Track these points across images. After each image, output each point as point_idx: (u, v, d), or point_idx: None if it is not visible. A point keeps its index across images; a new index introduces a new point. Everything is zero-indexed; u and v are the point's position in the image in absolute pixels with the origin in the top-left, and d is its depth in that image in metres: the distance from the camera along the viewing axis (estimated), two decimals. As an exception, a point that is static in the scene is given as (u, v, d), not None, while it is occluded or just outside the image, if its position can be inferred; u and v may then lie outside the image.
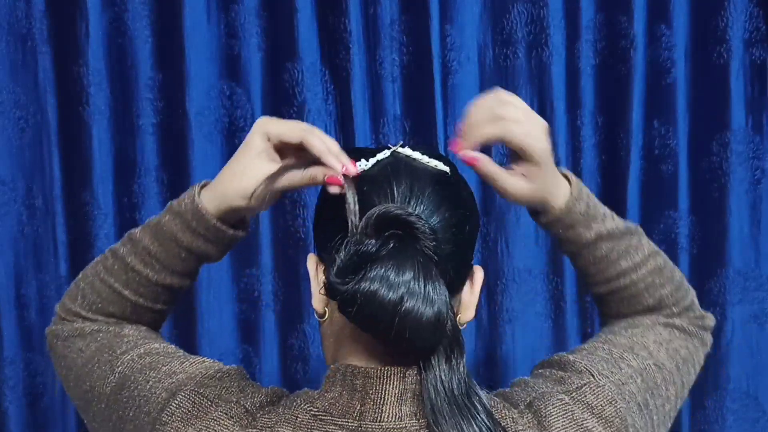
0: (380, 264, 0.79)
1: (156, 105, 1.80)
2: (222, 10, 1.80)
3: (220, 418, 0.87)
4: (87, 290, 1.03)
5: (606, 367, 0.94)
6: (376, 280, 0.78)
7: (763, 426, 1.85)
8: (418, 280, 0.79)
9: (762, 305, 1.84)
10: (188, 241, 0.97)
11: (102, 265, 1.03)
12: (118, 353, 0.97)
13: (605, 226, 1.01)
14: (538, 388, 0.93)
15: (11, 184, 1.80)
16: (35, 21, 1.77)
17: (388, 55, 1.80)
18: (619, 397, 0.91)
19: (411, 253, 0.80)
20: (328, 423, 0.86)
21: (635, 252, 1.03)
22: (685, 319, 1.08)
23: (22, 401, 1.84)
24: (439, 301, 0.80)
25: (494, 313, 1.85)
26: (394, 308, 0.78)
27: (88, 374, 0.98)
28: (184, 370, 0.93)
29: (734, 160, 1.81)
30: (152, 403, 0.90)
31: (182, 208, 0.97)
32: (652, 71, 1.82)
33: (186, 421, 0.87)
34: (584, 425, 0.88)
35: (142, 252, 0.99)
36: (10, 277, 1.82)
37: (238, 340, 1.84)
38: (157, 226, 0.99)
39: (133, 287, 1.00)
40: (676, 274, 1.09)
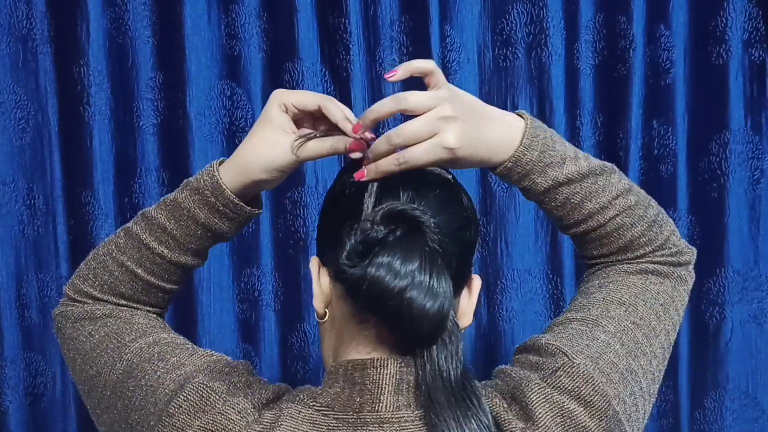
0: (387, 251, 0.81)
1: (156, 105, 1.81)
2: (222, 10, 1.80)
3: (226, 412, 0.87)
4: (99, 270, 1.02)
5: (580, 341, 0.94)
6: (383, 267, 0.80)
7: (762, 425, 1.85)
8: (424, 271, 0.81)
9: (761, 305, 1.85)
10: (205, 217, 0.97)
11: (114, 244, 1.02)
12: (126, 340, 0.97)
13: (564, 171, 0.95)
14: (515, 376, 0.94)
15: (12, 184, 1.81)
16: (36, 21, 1.78)
17: (388, 55, 1.80)
18: (596, 373, 0.90)
19: (418, 244, 0.83)
20: (330, 417, 0.87)
21: (601, 192, 0.98)
22: (659, 258, 1.03)
23: (22, 401, 1.84)
24: (442, 294, 0.81)
25: (494, 313, 1.85)
26: (399, 296, 0.80)
27: (96, 359, 0.98)
28: (193, 363, 0.94)
29: (733, 161, 1.81)
30: (159, 393, 0.90)
31: (201, 184, 0.96)
32: (651, 71, 1.82)
33: (193, 414, 0.87)
34: (565, 408, 0.88)
35: (157, 229, 0.98)
36: (11, 277, 1.82)
37: (238, 339, 1.84)
38: (174, 203, 0.98)
39: (146, 266, 0.99)
40: (650, 211, 1.03)
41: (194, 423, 0.87)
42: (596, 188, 0.98)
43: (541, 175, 0.95)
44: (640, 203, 1.02)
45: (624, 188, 1.01)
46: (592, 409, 0.89)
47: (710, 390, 1.86)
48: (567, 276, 1.82)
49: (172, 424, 0.88)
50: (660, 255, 1.03)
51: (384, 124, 1.72)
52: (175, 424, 0.88)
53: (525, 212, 1.84)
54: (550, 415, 0.88)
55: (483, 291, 1.87)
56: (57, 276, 1.81)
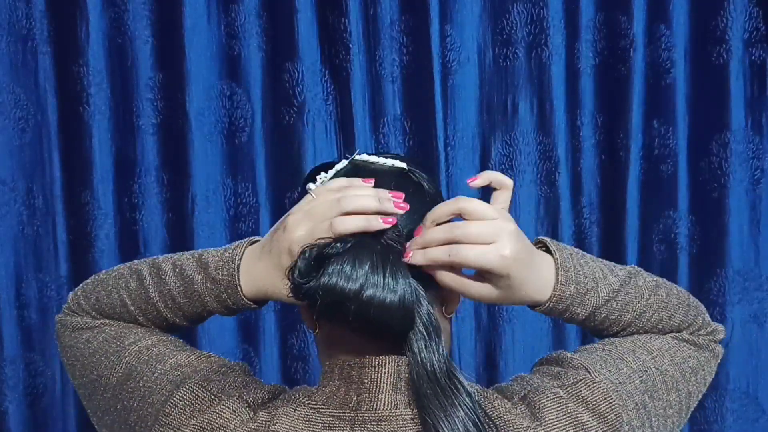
0: (337, 260, 0.83)
1: (156, 105, 1.80)
2: (222, 10, 1.80)
3: (221, 411, 0.88)
4: (103, 297, 1.03)
5: (604, 366, 0.94)
6: (333, 274, 0.82)
7: (762, 425, 1.85)
8: (376, 271, 0.82)
9: (761, 305, 1.85)
10: (213, 305, 0.98)
11: (125, 283, 1.03)
12: (125, 344, 0.99)
13: (599, 294, 0.96)
14: (533, 382, 0.93)
15: (11, 184, 1.80)
16: (36, 21, 1.78)
17: (388, 55, 1.80)
18: (614, 394, 0.91)
19: (368, 248, 0.84)
20: (326, 415, 0.88)
21: (635, 301, 0.99)
22: (695, 336, 1.05)
23: (22, 401, 1.84)
24: (400, 288, 0.82)
25: (494, 313, 1.85)
26: (355, 297, 0.81)
27: (96, 364, 0.99)
28: (190, 364, 0.95)
29: (734, 160, 1.81)
30: (157, 394, 0.92)
31: (218, 276, 0.95)
32: (651, 71, 1.82)
33: (188, 414, 0.89)
34: (578, 419, 0.88)
35: (166, 295, 0.99)
36: (10, 277, 1.82)
37: (238, 340, 1.84)
38: (189, 282, 0.98)
39: (148, 316, 1.02)
40: (683, 299, 1.05)
41: (190, 422, 0.88)
42: (629, 299, 0.98)
43: (581, 305, 0.95)
44: (671, 294, 1.03)
45: (653, 286, 1.02)
46: (605, 425, 0.89)
47: (710, 390, 1.85)
48: (567, 276, 1.82)
49: (169, 424, 0.89)
50: (696, 334, 1.05)
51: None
52: (171, 423, 0.89)
53: (525, 212, 1.84)
54: (561, 421, 0.88)
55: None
56: (57, 276, 1.81)
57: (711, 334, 1.07)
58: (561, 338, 1.84)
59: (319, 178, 0.94)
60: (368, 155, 0.96)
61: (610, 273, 0.98)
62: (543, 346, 1.85)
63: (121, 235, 1.81)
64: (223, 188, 1.83)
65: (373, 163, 0.95)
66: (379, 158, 0.96)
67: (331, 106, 1.82)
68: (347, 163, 0.95)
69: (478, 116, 1.84)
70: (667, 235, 1.84)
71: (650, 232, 1.85)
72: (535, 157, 1.84)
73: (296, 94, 1.79)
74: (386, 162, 0.95)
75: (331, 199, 0.87)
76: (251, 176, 1.82)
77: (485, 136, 1.85)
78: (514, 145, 1.84)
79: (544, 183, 1.84)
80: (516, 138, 1.84)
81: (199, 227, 1.81)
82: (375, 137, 1.82)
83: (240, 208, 1.83)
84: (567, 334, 1.84)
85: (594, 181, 1.85)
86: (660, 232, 1.85)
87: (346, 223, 0.85)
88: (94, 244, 1.79)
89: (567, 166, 1.84)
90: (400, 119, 1.82)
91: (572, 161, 1.84)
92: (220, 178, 1.82)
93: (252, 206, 1.83)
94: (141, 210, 1.81)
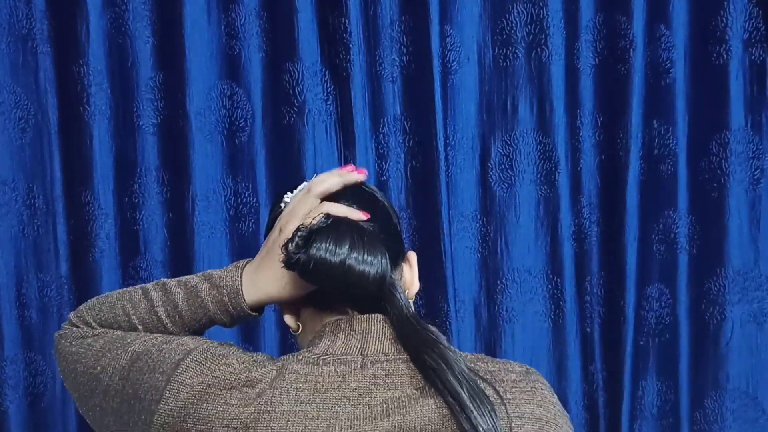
0: (322, 236, 0.94)
1: (156, 105, 1.81)
2: (222, 10, 1.80)
3: (230, 363, 0.96)
4: (106, 308, 1.09)
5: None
6: (321, 249, 0.93)
7: (762, 425, 1.85)
8: (356, 248, 0.93)
9: (761, 305, 1.84)
10: (215, 313, 1.06)
11: (129, 296, 1.09)
12: (128, 340, 1.04)
13: None
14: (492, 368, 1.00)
15: (12, 184, 1.81)
16: (36, 21, 1.78)
17: (388, 55, 1.80)
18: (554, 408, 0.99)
19: (346, 227, 0.96)
20: (331, 363, 0.95)
21: None
22: None
23: (22, 401, 1.84)
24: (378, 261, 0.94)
25: (494, 313, 1.85)
26: (341, 266, 0.93)
27: (99, 360, 1.03)
28: (194, 342, 1.02)
29: (734, 160, 1.81)
30: (167, 363, 0.98)
31: (222, 283, 1.05)
32: (651, 71, 1.82)
33: (198, 371, 0.96)
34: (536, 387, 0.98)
35: (170, 305, 1.06)
36: (11, 277, 1.82)
37: (238, 340, 1.84)
38: (193, 290, 1.05)
39: (148, 326, 1.07)
40: None
41: (200, 377, 0.95)
42: None
43: None
44: None
45: None
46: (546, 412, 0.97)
47: (710, 390, 1.86)
48: (567, 276, 1.82)
49: (180, 382, 0.95)
50: None
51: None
52: (183, 381, 0.95)
53: (525, 212, 1.84)
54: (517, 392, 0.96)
55: (483, 291, 1.87)
56: (57, 276, 1.81)
57: None
58: (561, 338, 1.84)
59: (286, 197, 1.07)
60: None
61: None
62: (543, 346, 1.85)
63: (122, 235, 1.81)
64: (223, 188, 1.83)
65: None
66: None
67: (331, 106, 1.82)
68: (305, 184, 1.06)
69: (478, 116, 1.84)
70: (667, 235, 1.84)
71: (650, 232, 1.86)
72: (535, 157, 1.84)
73: (296, 94, 1.79)
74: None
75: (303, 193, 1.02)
76: (251, 176, 1.82)
77: (485, 136, 1.85)
78: (514, 145, 1.84)
79: (544, 183, 1.85)
80: (516, 138, 1.84)
81: (199, 227, 1.81)
82: (375, 137, 1.82)
83: (240, 208, 1.83)
84: (567, 335, 1.84)
85: (594, 181, 1.85)
86: (660, 232, 1.85)
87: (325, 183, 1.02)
88: (94, 244, 1.79)
89: (567, 166, 1.84)
90: (400, 119, 1.82)
91: (572, 161, 1.84)
92: (220, 178, 1.83)
93: (252, 206, 1.83)
94: (141, 210, 1.81)
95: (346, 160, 1.81)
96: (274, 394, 0.93)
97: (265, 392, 0.93)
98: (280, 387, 0.93)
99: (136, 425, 0.98)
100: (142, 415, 0.97)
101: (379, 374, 0.94)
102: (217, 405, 0.93)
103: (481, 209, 1.85)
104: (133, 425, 0.98)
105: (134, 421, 0.98)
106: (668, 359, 1.84)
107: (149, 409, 0.96)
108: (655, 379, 1.87)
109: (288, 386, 0.93)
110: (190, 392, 0.94)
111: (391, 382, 0.94)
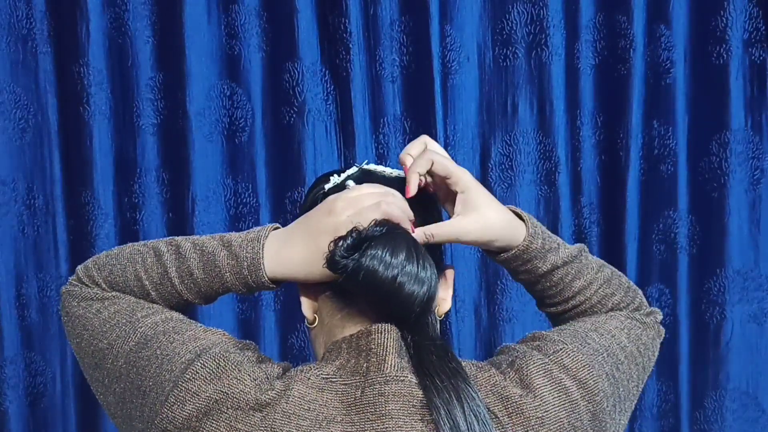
0: (377, 244, 0.90)
1: (156, 105, 1.81)
2: (222, 10, 1.80)
3: (242, 378, 0.93)
4: (117, 270, 1.04)
5: (575, 340, 1.03)
6: (375, 258, 0.90)
7: (762, 425, 1.85)
8: (411, 261, 0.91)
9: (761, 305, 1.85)
10: (232, 282, 1.01)
11: (141, 258, 1.04)
12: (139, 316, 1.00)
13: (559, 255, 1.08)
14: (518, 349, 1.00)
15: (11, 184, 1.81)
16: (36, 21, 1.78)
17: (388, 55, 1.80)
18: (590, 363, 0.99)
19: (402, 236, 0.92)
20: (337, 384, 0.93)
21: (586, 271, 1.11)
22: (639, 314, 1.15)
23: (22, 401, 1.84)
24: (427, 280, 0.91)
25: (494, 313, 1.85)
26: (391, 283, 0.90)
27: (107, 333, 1.00)
28: (207, 338, 0.98)
29: (733, 160, 1.81)
30: (176, 362, 0.94)
31: (242, 253, 0.99)
32: (651, 71, 1.82)
33: (209, 380, 0.92)
34: (562, 383, 0.96)
35: (185, 271, 1.02)
36: (11, 277, 1.82)
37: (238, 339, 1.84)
38: (210, 258, 1.00)
39: (161, 292, 1.03)
40: (623, 281, 1.16)
41: (209, 387, 0.92)
42: (581, 267, 1.11)
43: (542, 260, 1.07)
44: (614, 274, 1.15)
45: (599, 264, 1.14)
46: (585, 390, 0.96)
47: (710, 390, 1.86)
48: (567, 276, 1.82)
49: (188, 389, 0.92)
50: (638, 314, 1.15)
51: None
52: (190, 388, 0.92)
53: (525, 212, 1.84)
54: (548, 386, 0.95)
55: (483, 291, 1.87)
56: (57, 276, 1.81)
57: (650, 315, 1.16)
58: (561, 338, 1.84)
59: (332, 179, 1.03)
60: (375, 165, 1.07)
61: (567, 245, 1.11)
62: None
63: (121, 235, 1.81)
64: (223, 188, 1.83)
65: (381, 171, 1.06)
66: (386, 168, 1.07)
67: (331, 106, 1.82)
68: (357, 170, 1.05)
69: (478, 116, 1.84)
70: (667, 235, 1.84)
71: (650, 232, 1.86)
72: (535, 157, 1.84)
73: (296, 94, 1.80)
74: (392, 172, 1.06)
75: (374, 194, 0.96)
76: (251, 176, 1.82)
77: (485, 136, 1.85)
78: (514, 145, 1.84)
79: (544, 183, 1.85)
80: (516, 138, 1.84)
81: (199, 227, 1.81)
82: (375, 137, 1.83)
83: (240, 208, 1.83)
84: (567, 334, 1.84)
85: (594, 181, 1.85)
86: (660, 232, 1.85)
87: (392, 206, 0.95)
88: (94, 244, 1.79)
89: (567, 166, 1.84)
90: (400, 119, 1.82)
91: (572, 161, 1.84)
92: (220, 178, 1.83)
93: (252, 206, 1.83)
94: (141, 210, 1.81)
95: (346, 160, 1.82)
96: (276, 418, 0.90)
97: (268, 416, 0.90)
98: (283, 412, 0.90)
99: (138, 418, 0.96)
100: (144, 411, 0.95)
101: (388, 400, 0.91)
102: (221, 425, 0.91)
103: (481, 209, 1.85)
104: (134, 417, 0.96)
105: (136, 414, 0.96)
106: (668, 359, 1.84)
107: (153, 408, 0.94)
108: (655, 379, 1.87)
109: (291, 411, 0.91)
110: (196, 404, 0.91)
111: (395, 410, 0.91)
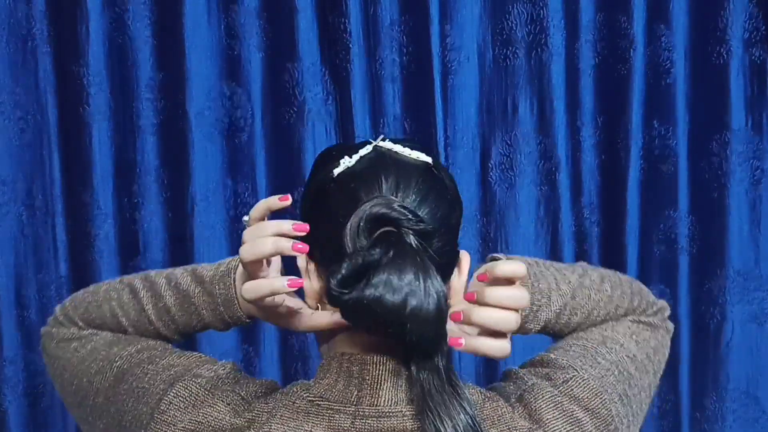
0: (383, 270, 0.80)
1: (156, 105, 1.80)
2: (222, 10, 1.80)
3: (216, 404, 0.90)
4: (93, 308, 1.05)
5: (585, 362, 0.98)
6: (380, 285, 0.80)
7: (762, 426, 1.85)
8: (418, 279, 0.80)
9: (761, 305, 1.85)
10: (209, 319, 1.00)
11: (117, 295, 1.04)
12: (115, 350, 1.00)
13: (552, 308, 1.01)
14: (528, 380, 0.95)
15: (11, 184, 1.80)
16: (36, 22, 1.77)
17: (388, 55, 1.80)
18: (602, 389, 0.94)
19: (410, 254, 0.82)
20: (325, 408, 0.88)
21: (584, 303, 1.04)
22: (645, 317, 1.10)
23: (22, 401, 1.84)
24: (437, 294, 0.81)
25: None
26: (399, 310, 0.80)
27: (85, 371, 1.00)
28: (181, 363, 0.96)
29: (734, 160, 1.81)
30: (150, 394, 0.93)
31: (216, 290, 0.98)
32: (651, 71, 1.82)
33: (183, 410, 0.90)
34: (574, 416, 0.91)
35: (162, 309, 1.01)
36: (10, 277, 1.82)
37: (238, 340, 1.84)
38: (186, 296, 1.00)
39: (138, 329, 1.03)
40: (625, 288, 1.09)
41: (185, 417, 0.89)
42: (578, 303, 1.03)
43: (534, 322, 1.02)
44: (615, 286, 1.08)
45: (598, 283, 1.06)
46: (599, 420, 0.92)
47: (711, 390, 1.86)
48: (567, 276, 1.82)
49: (164, 420, 0.90)
50: (645, 316, 1.10)
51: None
52: (166, 420, 0.90)
53: (525, 212, 1.84)
54: (559, 420, 0.91)
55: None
56: (56, 276, 1.81)
57: (659, 312, 1.12)
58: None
59: (343, 162, 0.92)
60: (393, 143, 0.94)
61: (562, 280, 1.03)
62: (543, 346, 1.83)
63: (121, 235, 1.81)
64: (223, 188, 1.83)
65: (398, 152, 0.93)
66: (404, 148, 0.93)
67: (331, 106, 1.82)
68: (371, 150, 0.94)
69: (478, 116, 1.84)
70: (667, 235, 1.84)
71: (650, 232, 1.86)
72: (535, 157, 1.84)
73: (296, 94, 1.79)
74: (411, 154, 0.92)
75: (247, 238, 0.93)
76: (251, 176, 1.82)
77: (485, 136, 1.85)
78: (514, 145, 1.84)
79: (544, 183, 1.84)
80: (516, 138, 1.84)
81: (199, 227, 1.81)
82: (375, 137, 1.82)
83: (240, 208, 1.83)
84: (567, 334, 1.84)
85: (594, 181, 1.85)
86: (660, 232, 1.85)
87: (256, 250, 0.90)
88: (94, 244, 1.79)
89: (567, 166, 1.84)
90: (400, 119, 1.82)
91: (572, 161, 1.84)
92: (220, 178, 1.82)
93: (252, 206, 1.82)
94: (141, 210, 1.81)
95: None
96: None
97: None
98: None
99: None
100: None
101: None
102: None
103: (481, 209, 1.85)
104: None
105: None
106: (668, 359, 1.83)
107: None
108: (656, 380, 1.87)
109: None
110: None
111: None
